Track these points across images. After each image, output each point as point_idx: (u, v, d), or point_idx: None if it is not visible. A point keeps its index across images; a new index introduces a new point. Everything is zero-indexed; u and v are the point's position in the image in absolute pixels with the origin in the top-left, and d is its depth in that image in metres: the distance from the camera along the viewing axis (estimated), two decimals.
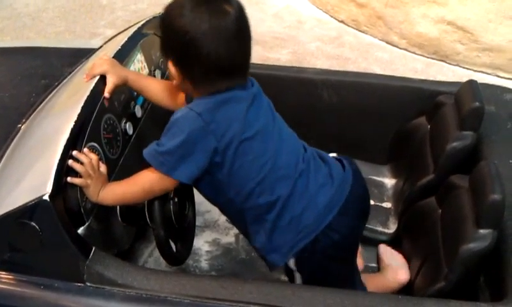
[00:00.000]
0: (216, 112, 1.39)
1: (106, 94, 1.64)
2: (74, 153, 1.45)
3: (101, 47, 2.04)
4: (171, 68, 1.45)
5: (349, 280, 1.69)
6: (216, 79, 1.41)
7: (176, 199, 1.66)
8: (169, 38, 1.43)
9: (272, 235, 1.53)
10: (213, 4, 1.37)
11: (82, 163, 1.46)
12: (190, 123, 1.38)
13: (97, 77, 1.65)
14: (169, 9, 1.41)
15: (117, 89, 1.69)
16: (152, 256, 2.13)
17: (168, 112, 2.01)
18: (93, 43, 3.65)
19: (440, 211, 1.72)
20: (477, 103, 1.75)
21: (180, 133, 1.39)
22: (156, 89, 1.76)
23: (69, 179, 1.42)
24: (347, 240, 1.59)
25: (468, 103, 1.78)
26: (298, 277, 1.60)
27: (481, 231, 1.44)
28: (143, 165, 1.66)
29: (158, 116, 1.95)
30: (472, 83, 1.88)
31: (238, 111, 1.42)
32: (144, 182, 1.49)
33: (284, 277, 2.02)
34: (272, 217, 1.51)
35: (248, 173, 1.46)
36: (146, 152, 1.44)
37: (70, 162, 1.44)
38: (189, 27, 1.35)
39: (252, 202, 1.50)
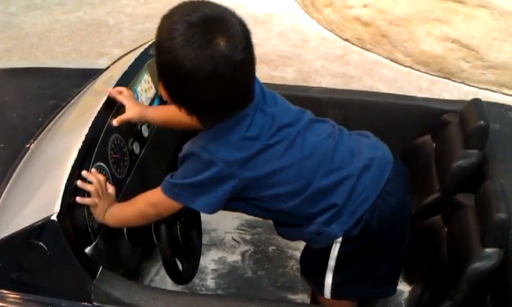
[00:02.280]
0: (220, 144, 1.36)
1: (114, 122, 1.65)
2: (83, 173, 1.47)
3: (108, 67, 2.06)
4: (162, 91, 1.38)
5: (392, 272, 1.64)
6: (210, 114, 1.37)
7: (182, 219, 1.67)
8: (159, 67, 1.33)
9: (334, 208, 1.46)
10: (202, 35, 1.23)
11: (90, 183, 1.47)
12: (197, 161, 1.37)
13: (105, 97, 1.67)
14: (160, 36, 1.29)
15: (124, 109, 1.72)
16: (158, 274, 2.13)
17: (174, 132, 2.03)
18: (100, 63, 3.70)
19: (446, 230, 1.72)
20: (482, 122, 1.76)
21: (191, 172, 1.38)
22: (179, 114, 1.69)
23: (78, 199, 1.44)
24: (402, 209, 1.53)
25: (473, 122, 1.78)
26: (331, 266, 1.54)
27: (487, 250, 1.44)
28: (150, 184, 1.67)
29: (164, 136, 1.97)
30: (476, 102, 1.89)
31: (238, 135, 1.36)
32: (148, 206, 1.51)
33: (290, 296, 2.03)
34: (333, 194, 1.45)
35: (282, 179, 1.42)
36: (162, 186, 1.44)
37: (79, 182, 1.45)
38: (176, 62, 1.24)
39: (303, 198, 1.45)
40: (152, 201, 1.50)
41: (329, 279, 1.55)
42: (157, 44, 1.31)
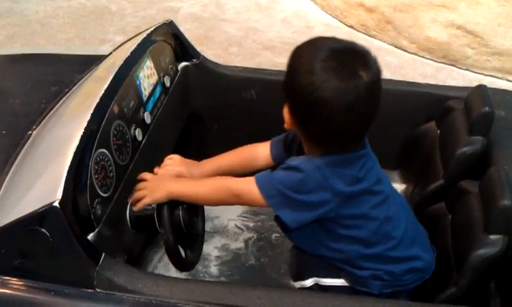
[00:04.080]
0: (336, 172, 1.37)
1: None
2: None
3: (110, 53, 2.05)
4: (286, 114, 1.41)
5: None
6: (330, 144, 1.38)
7: (185, 205, 1.67)
8: (292, 89, 1.35)
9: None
10: (347, 65, 1.29)
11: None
12: (307, 181, 1.37)
13: (107, 83, 1.66)
14: (299, 59, 1.34)
15: (126, 96, 1.71)
16: (161, 261, 2.13)
17: (177, 119, 2.03)
18: (103, 49, 3.68)
19: (450, 217, 1.72)
20: (487, 108, 1.74)
21: (294, 186, 1.38)
22: (234, 164, 1.75)
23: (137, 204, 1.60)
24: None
25: (477, 108, 1.77)
26: None
27: (491, 237, 1.44)
28: (153, 171, 1.67)
29: (167, 123, 1.96)
30: (481, 88, 1.87)
31: (353, 172, 1.39)
32: (229, 194, 1.52)
33: (294, 284, 2.02)
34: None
35: (362, 226, 1.46)
36: (259, 176, 1.43)
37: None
38: (315, 86, 1.27)
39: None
40: (236, 191, 1.50)
41: (310, 283, 1.62)
42: (293, 66, 1.34)
